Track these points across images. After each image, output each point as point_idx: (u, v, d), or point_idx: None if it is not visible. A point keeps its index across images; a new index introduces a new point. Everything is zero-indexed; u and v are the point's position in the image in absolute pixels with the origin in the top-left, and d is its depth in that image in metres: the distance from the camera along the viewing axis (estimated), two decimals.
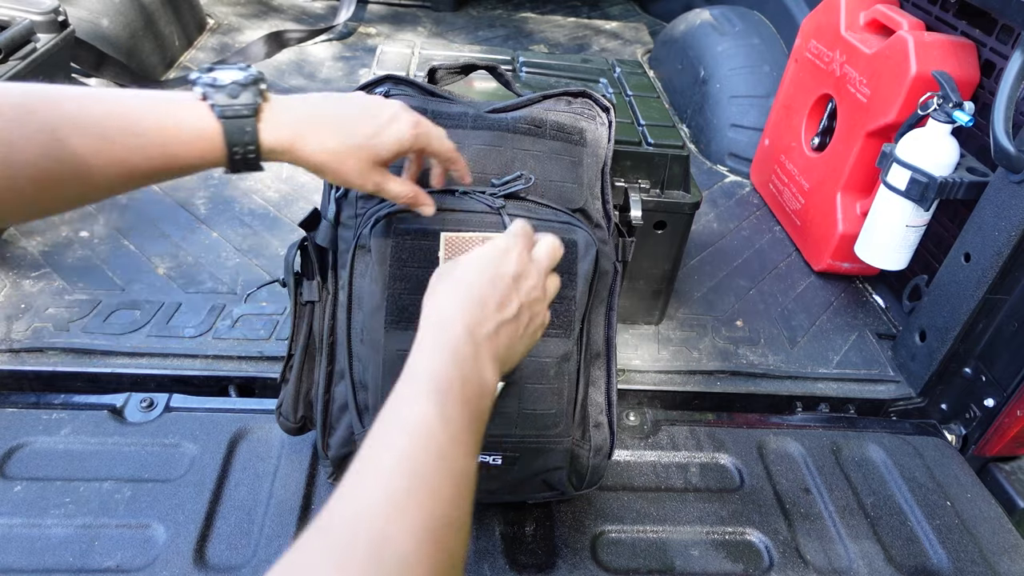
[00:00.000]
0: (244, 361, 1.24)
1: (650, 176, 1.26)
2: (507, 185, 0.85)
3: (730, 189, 1.97)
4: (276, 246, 1.55)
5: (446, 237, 0.75)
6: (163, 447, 1.07)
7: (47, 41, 1.58)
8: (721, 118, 2.08)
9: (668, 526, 1.04)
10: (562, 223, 0.85)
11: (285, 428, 0.95)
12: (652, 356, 1.37)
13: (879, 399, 1.33)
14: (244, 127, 0.63)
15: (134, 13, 2.18)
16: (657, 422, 1.20)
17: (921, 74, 1.34)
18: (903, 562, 1.02)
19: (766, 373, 1.35)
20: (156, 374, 1.21)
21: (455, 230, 0.78)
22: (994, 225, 1.16)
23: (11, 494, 0.97)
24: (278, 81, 2.34)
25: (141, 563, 0.90)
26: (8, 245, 1.48)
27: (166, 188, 1.72)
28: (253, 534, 0.96)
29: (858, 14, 1.58)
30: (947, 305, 1.26)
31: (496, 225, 0.83)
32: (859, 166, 1.52)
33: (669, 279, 1.38)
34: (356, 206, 0.87)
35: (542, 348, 0.84)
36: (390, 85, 0.91)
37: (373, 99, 0.74)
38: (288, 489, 1.02)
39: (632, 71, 1.56)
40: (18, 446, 1.04)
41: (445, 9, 3.08)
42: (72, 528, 0.94)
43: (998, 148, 1.13)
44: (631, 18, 3.19)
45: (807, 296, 1.59)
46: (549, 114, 0.91)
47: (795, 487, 1.12)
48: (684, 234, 1.32)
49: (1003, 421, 1.20)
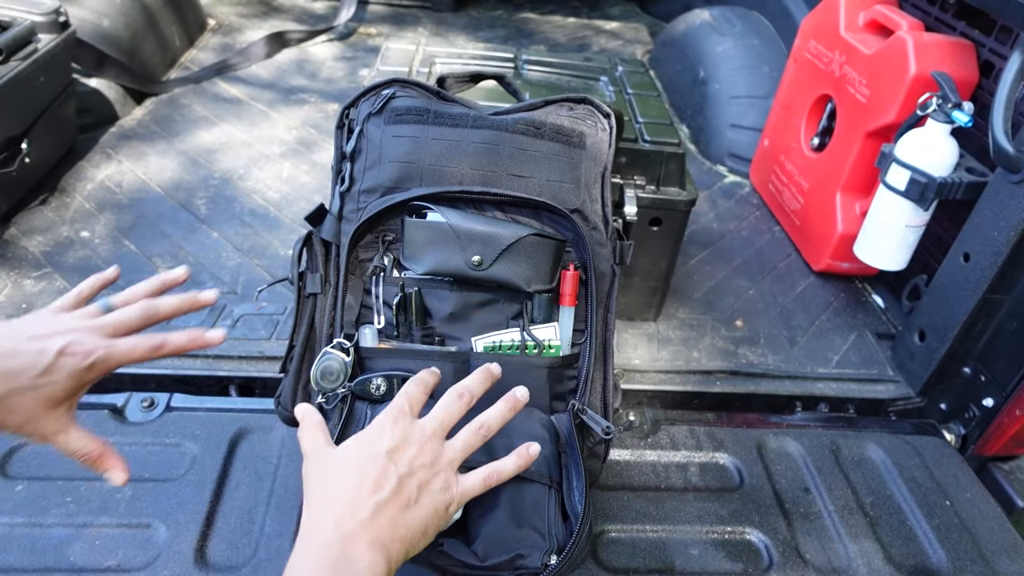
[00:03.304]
0: (245, 361, 1.24)
1: (646, 173, 1.27)
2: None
3: (730, 189, 1.98)
4: (276, 246, 1.55)
5: None
6: (164, 447, 1.07)
7: (48, 41, 1.59)
8: (721, 118, 2.08)
9: (668, 525, 1.04)
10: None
11: (284, 419, 0.96)
12: (652, 356, 1.37)
13: (878, 399, 1.34)
14: None
15: (135, 13, 2.18)
16: (657, 422, 1.21)
17: (920, 74, 1.34)
18: (902, 561, 1.02)
19: (765, 373, 1.35)
20: (157, 374, 1.21)
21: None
22: (993, 225, 1.16)
23: (12, 493, 0.98)
24: (280, 81, 2.35)
25: (142, 562, 0.91)
26: (9, 245, 1.48)
27: (167, 188, 1.73)
28: (254, 533, 0.96)
29: (857, 14, 1.58)
30: (946, 305, 1.26)
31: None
32: (858, 166, 1.52)
33: (666, 276, 1.39)
34: (358, 200, 0.89)
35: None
36: (396, 87, 0.92)
37: (39, 327, 0.63)
38: (288, 489, 1.02)
39: (634, 70, 1.56)
40: (19, 445, 1.04)
41: (445, 9, 3.08)
42: (73, 527, 0.94)
43: (997, 148, 1.13)
44: (631, 18, 3.19)
45: (806, 296, 1.59)
46: (549, 117, 0.92)
47: (794, 487, 1.12)
48: (680, 231, 1.33)
49: (1002, 421, 1.21)
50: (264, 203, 1.71)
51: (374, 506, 0.58)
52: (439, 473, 0.64)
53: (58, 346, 0.61)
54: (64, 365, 0.60)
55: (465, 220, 0.86)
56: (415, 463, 0.62)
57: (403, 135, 0.89)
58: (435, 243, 0.86)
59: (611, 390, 0.95)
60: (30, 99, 1.56)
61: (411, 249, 0.87)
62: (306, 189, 1.78)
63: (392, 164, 0.88)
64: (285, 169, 1.86)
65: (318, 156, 1.93)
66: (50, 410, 0.61)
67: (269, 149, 1.94)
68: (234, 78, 2.34)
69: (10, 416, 0.59)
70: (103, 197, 1.67)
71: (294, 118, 2.12)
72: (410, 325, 0.89)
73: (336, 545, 0.56)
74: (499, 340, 0.89)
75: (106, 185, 1.72)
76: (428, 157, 0.88)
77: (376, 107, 0.90)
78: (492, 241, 0.85)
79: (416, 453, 0.63)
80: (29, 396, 0.59)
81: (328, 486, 0.60)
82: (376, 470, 0.60)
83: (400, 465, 0.61)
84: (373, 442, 0.62)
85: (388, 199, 0.87)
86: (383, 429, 0.64)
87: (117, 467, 0.68)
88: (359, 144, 0.90)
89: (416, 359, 0.87)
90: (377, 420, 0.65)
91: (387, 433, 0.63)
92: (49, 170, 1.71)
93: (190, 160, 1.86)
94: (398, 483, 0.60)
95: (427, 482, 0.62)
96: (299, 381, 0.94)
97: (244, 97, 2.23)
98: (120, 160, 1.82)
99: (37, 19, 1.59)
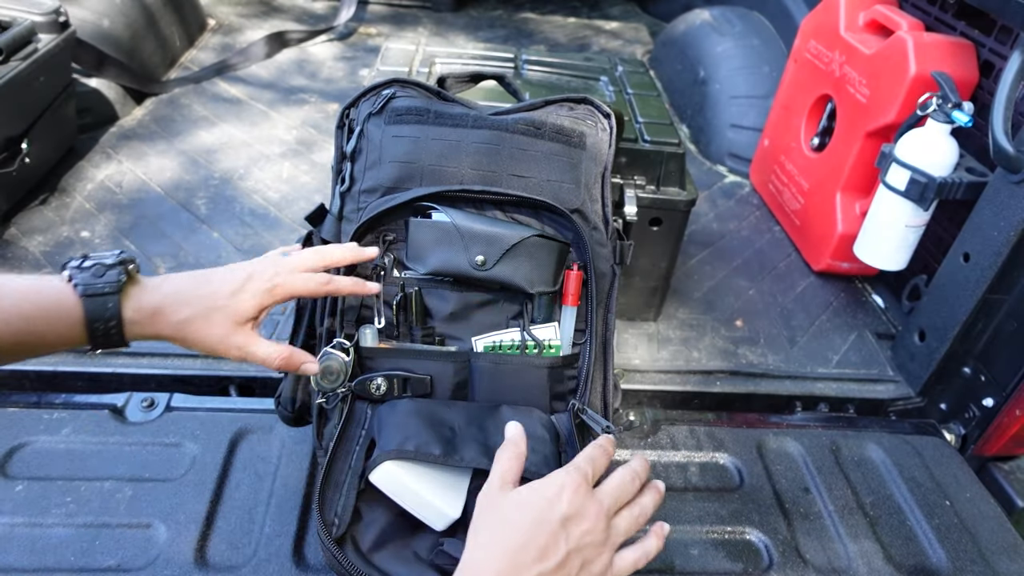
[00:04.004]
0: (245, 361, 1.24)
1: (646, 173, 1.27)
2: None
3: (730, 189, 1.98)
4: (277, 246, 1.53)
5: None
6: (164, 447, 1.07)
7: (48, 41, 1.59)
8: (721, 118, 2.09)
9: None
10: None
11: (283, 418, 0.96)
12: (652, 356, 1.37)
13: (878, 399, 1.34)
14: (106, 303, 0.66)
15: (135, 13, 2.18)
16: (657, 422, 1.21)
17: (920, 74, 1.34)
18: (902, 561, 1.02)
19: (765, 373, 1.35)
20: (157, 374, 1.21)
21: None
22: (993, 225, 1.16)
23: (12, 493, 0.98)
24: (280, 81, 2.35)
25: (142, 562, 0.91)
26: (10, 245, 1.48)
27: (167, 188, 1.73)
28: (254, 533, 0.96)
29: (857, 14, 1.58)
30: (946, 305, 1.26)
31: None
32: (858, 166, 1.52)
33: (666, 276, 1.39)
34: (358, 200, 0.89)
35: None
36: (396, 88, 0.92)
37: (236, 264, 0.75)
38: (288, 489, 1.02)
39: (634, 70, 1.56)
40: (19, 445, 1.04)
41: (445, 9, 3.08)
42: (73, 527, 0.94)
43: (997, 148, 1.13)
44: (631, 18, 3.19)
45: (806, 296, 1.59)
46: (549, 117, 0.92)
47: (794, 486, 1.12)
48: (680, 231, 1.33)
49: (1002, 421, 1.21)
50: (264, 203, 1.71)
51: (536, 574, 0.58)
52: (603, 554, 0.63)
53: (246, 272, 0.73)
54: (250, 287, 0.72)
55: (468, 220, 0.86)
56: (584, 540, 0.61)
57: (403, 135, 0.89)
58: (439, 243, 0.86)
59: (611, 390, 0.95)
60: (30, 99, 1.56)
61: (415, 249, 0.87)
62: (306, 189, 1.78)
63: (392, 164, 0.88)
64: (285, 169, 1.86)
65: (318, 156, 1.93)
66: (240, 326, 0.71)
67: (269, 149, 1.94)
68: (234, 78, 2.34)
69: (210, 331, 0.70)
70: (103, 197, 1.67)
71: (294, 118, 2.12)
72: (410, 325, 0.89)
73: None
74: (499, 340, 0.89)
75: (106, 185, 1.72)
76: (428, 157, 0.88)
77: (376, 107, 0.90)
78: (495, 241, 0.85)
79: (588, 529, 0.62)
80: (223, 313, 0.70)
81: (497, 533, 0.61)
82: (547, 536, 0.60)
83: (571, 539, 0.60)
84: (551, 503, 0.61)
85: (388, 199, 0.87)
86: (563, 491, 0.62)
87: (308, 360, 0.78)
88: (359, 144, 0.90)
89: (416, 359, 0.87)
90: (558, 477, 0.64)
91: (566, 499, 0.62)
92: (49, 170, 1.71)
93: (190, 160, 1.86)
94: (565, 557, 0.60)
95: (591, 561, 0.62)
96: (299, 381, 0.94)
97: (244, 97, 2.23)
98: (120, 160, 1.82)
99: (37, 19, 1.59)
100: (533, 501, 0.62)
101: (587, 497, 0.63)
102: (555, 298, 0.91)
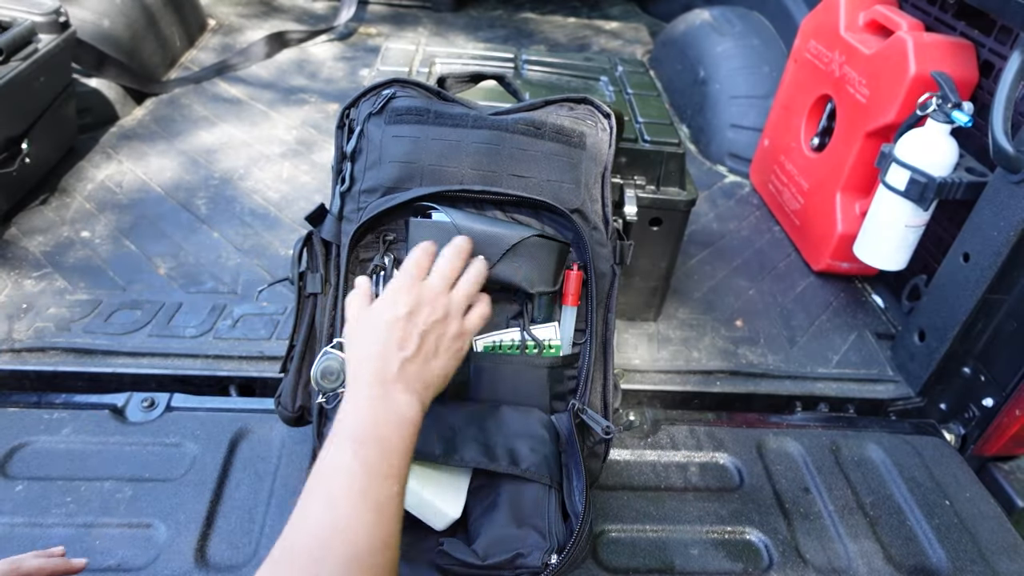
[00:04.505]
0: (245, 361, 1.24)
1: (646, 173, 1.27)
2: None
3: (730, 189, 1.98)
4: (277, 246, 1.55)
5: None
6: (164, 447, 1.07)
7: (48, 42, 1.59)
8: (721, 118, 2.09)
9: (668, 525, 1.04)
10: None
11: (284, 418, 0.96)
12: (652, 356, 1.37)
13: (878, 399, 1.34)
14: None
15: (136, 14, 2.18)
16: (657, 421, 1.21)
17: (920, 74, 1.34)
18: (902, 561, 1.02)
19: (765, 373, 1.35)
20: (157, 374, 1.21)
21: None
22: (993, 225, 1.16)
23: (12, 493, 0.98)
24: (280, 81, 2.35)
25: (142, 562, 0.91)
26: (10, 245, 1.48)
27: (167, 188, 1.73)
28: (254, 533, 0.96)
29: (857, 15, 1.58)
30: (946, 305, 1.26)
31: None
32: (858, 166, 1.52)
33: (666, 276, 1.39)
34: (358, 200, 0.89)
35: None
36: (396, 88, 0.92)
37: None
38: (288, 488, 1.02)
39: (634, 70, 1.56)
40: (19, 445, 1.04)
41: (445, 9, 3.08)
42: (73, 527, 0.94)
43: (997, 148, 1.13)
44: (631, 18, 3.19)
45: (806, 296, 1.59)
46: (549, 117, 0.92)
47: (794, 486, 1.12)
48: (680, 231, 1.33)
49: (1002, 421, 1.21)
50: (264, 203, 1.71)
51: (402, 361, 0.70)
52: (451, 323, 0.75)
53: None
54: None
55: (468, 220, 0.86)
56: (431, 319, 0.73)
57: (403, 135, 0.89)
58: (439, 243, 0.86)
59: (611, 390, 0.95)
60: (30, 99, 1.56)
61: None
62: (306, 189, 1.78)
63: (392, 164, 0.88)
64: (285, 169, 1.86)
65: (318, 156, 1.93)
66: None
67: (269, 149, 1.95)
68: (234, 78, 2.34)
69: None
70: (103, 197, 1.67)
71: (294, 118, 2.12)
72: None
73: (377, 390, 0.68)
74: (499, 340, 0.89)
75: (106, 185, 1.72)
76: (428, 157, 0.88)
77: (376, 107, 0.90)
78: (495, 241, 0.85)
79: (430, 311, 0.73)
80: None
81: (361, 346, 0.72)
82: (400, 331, 0.71)
83: (419, 324, 0.72)
84: (392, 305, 0.72)
85: (389, 199, 0.87)
86: (398, 294, 0.73)
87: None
88: (359, 144, 0.90)
89: None
90: (392, 287, 0.74)
91: (402, 299, 0.73)
92: (49, 170, 1.71)
93: (190, 160, 1.86)
94: (421, 340, 0.71)
95: (443, 334, 0.74)
96: (299, 381, 0.94)
97: (244, 97, 2.23)
98: (120, 160, 1.82)
99: (37, 19, 1.59)
100: (379, 308, 0.73)
101: (420, 288, 0.74)
102: (555, 298, 0.91)
